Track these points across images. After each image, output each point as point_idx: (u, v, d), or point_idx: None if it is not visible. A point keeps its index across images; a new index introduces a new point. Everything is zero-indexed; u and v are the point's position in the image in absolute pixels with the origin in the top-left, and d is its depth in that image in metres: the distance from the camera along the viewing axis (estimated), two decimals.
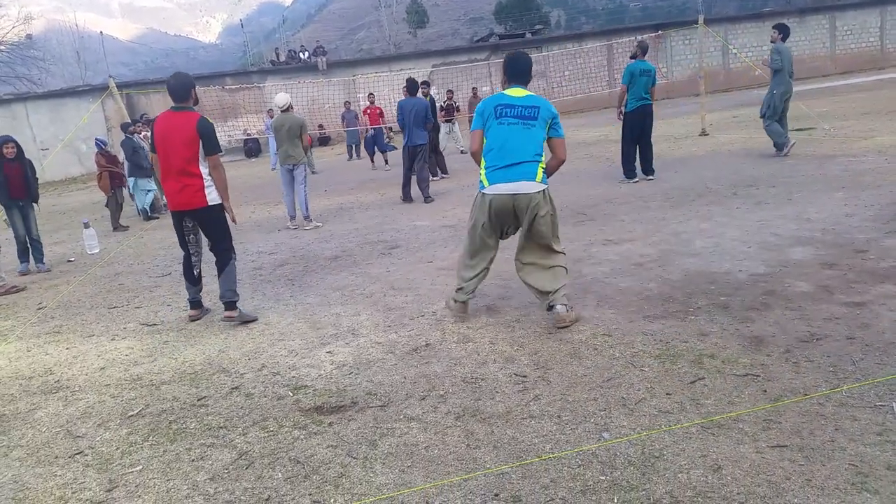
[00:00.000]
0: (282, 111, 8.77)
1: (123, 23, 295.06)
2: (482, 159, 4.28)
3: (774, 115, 9.68)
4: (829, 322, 3.76)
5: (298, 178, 8.77)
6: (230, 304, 4.97)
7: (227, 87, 26.96)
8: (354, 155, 19.57)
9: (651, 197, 8.04)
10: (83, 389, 4.04)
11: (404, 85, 10.24)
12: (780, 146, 9.78)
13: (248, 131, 25.69)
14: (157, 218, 11.52)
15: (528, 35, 36.24)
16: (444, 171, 12.62)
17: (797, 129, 12.51)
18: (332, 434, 3.11)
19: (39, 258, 8.09)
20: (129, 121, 12.17)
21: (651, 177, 9.22)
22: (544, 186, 4.20)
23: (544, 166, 4.22)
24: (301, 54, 31.86)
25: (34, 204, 8.10)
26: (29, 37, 38.77)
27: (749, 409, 2.89)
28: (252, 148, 26.13)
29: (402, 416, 3.20)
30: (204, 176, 4.84)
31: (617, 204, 7.91)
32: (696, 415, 2.91)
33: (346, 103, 20.42)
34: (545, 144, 4.26)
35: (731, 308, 4.14)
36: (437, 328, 4.39)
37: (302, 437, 3.11)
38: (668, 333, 3.84)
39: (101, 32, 64.41)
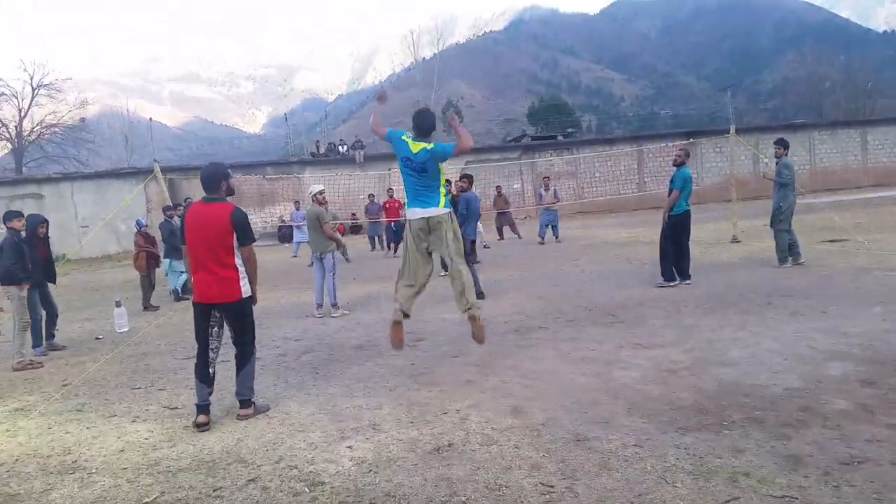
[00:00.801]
0: (313, 200, 9.17)
1: (172, 110, 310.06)
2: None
3: (786, 223, 9.94)
4: (870, 444, 3.58)
5: (328, 266, 8.93)
6: (245, 402, 4.87)
7: (267, 175, 27.90)
8: (378, 246, 19.88)
9: (683, 302, 7.95)
10: (100, 472, 3.98)
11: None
12: (782, 260, 9.97)
13: (284, 218, 26.33)
14: (188, 299, 11.66)
15: (560, 137, 37.18)
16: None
17: (830, 241, 12.44)
18: None
19: (53, 327, 8.28)
20: (171, 204, 12.57)
21: (689, 281, 9.17)
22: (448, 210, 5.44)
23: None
24: (340, 147, 33.00)
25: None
26: (82, 120, 40.81)
27: None
28: (286, 234, 26.67)
29: None
30: (238, 267, 4.78)
31: (648, 307, 7.82)
32: None
33: (371, 196, 20.81)
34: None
35: (766, 423, 3.98)
36: (460, 427, 4.28)
37: None
38: (701, 448, 3.69)
39: (151, 119, 67.60)
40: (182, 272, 11.70)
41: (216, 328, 4.93)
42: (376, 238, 20.04)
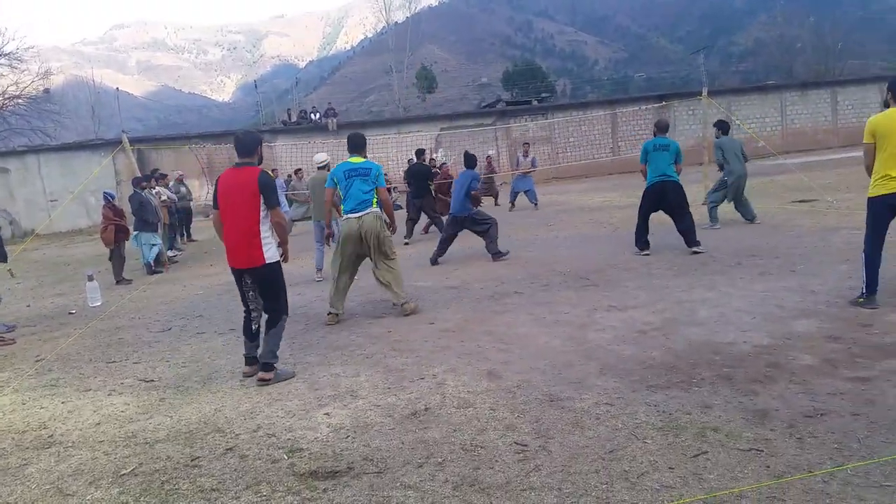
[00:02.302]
0: (318, 169, 9.22)
1: (139, 79, 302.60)
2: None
3: (722, 199, 10.66)
4: (833, 397, 3.71)
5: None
6: (267, 366, 4.86)
7: None
8: None
9: (655, 264, 8.06)
10: (76, 445, 3.98)
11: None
12: (714, 222, 10.60)
13: None
14: (161, 272, 11.56)
15: (535, 102, 37.02)
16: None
17: (800, 201, 12.64)
18: (326, 501, 3.04)
19: None
20: (140, 175, 12.36)
21: (697, 248, 8.58)
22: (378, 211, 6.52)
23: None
24: (312, 115, 32.50)
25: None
26: (46, 91, 39.61)
27: (752, 486, 2.83)
28: None
29: (398, 484, 3.13)
30: (263, 233, 4.81)
31: (621, 270, 7.92)
32: (699, 490, 2.84)
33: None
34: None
35: (734, 380, 4.09)
36: (437, 392, 4.34)
37: (295, 502, 3.05)
38: (671, 405, 3.79)
39: (117, 88, 65.94)
40: (155, 244, 11.57)
41: (251, 292, 5.04)
42: None
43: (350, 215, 6.48)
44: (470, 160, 10.17)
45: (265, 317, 5.02)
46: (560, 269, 8.37)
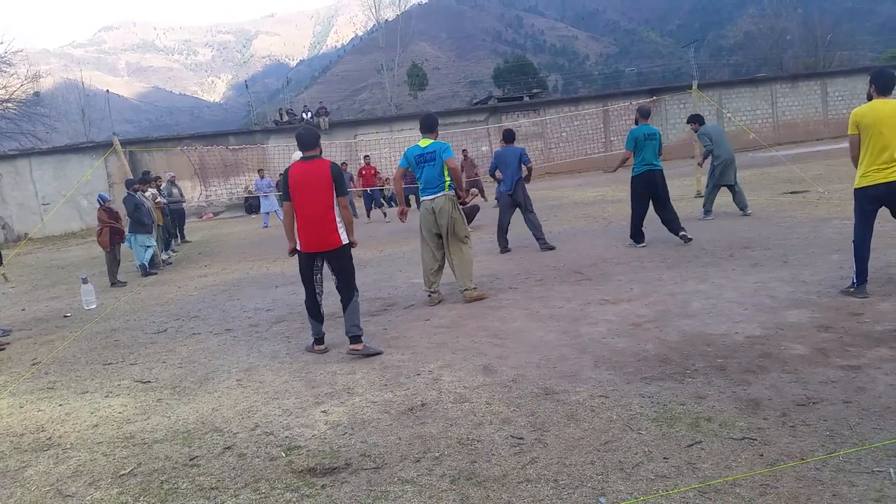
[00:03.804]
0: None
1: (129, 81, 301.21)
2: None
3: (716, 187, 10.81)
4: (825, 385, 3.75)
5: None
6: (356, 338, 5.24)
7: (230, 146, 27.40)
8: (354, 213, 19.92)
9: (648, 257, 8.11)
10: (75, 447, 3.99)
11: (501, 137, 10.28)
12: (707, 212, 10.80)
13: (249, 189, 26.01)
14: (156, 274, 11.56)
15: (526, 98, 37.09)
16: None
17: (792, 192, 12.72)
18: (324, 497, 3.06)
19: None
20: (132, 178, 12.35)
21: (684, 233, 8.75)
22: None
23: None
24: (304, 114, 32.47)
25: None
26: (36, 94, 39.39)
27: (746, 474, 2.87)
28: (252, 205, 26.39)
29: (396, 479, 3.16)
30: (337, 218, 5.29)
31: (614, 264, 7.96)
32: (694, 479, 2.88)
33: (343, 164, 20.75)
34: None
35: (727, 370, 4.13)
36: (433, 387, 4.37)
37: (294, 499, 3.07)
38: (665, 396, 3.83)
39: (108, 91, 65.67)
40: (149, 246, 11.56)
41: (318, 275, 5.53)
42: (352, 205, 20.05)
43: (424, 198, 6.86)
44: (509, 135, 9.83)
45: (341, 296, 5.42)
46: (554, 263, 8.41)
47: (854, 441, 3.08)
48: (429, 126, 6.86)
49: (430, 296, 6.97)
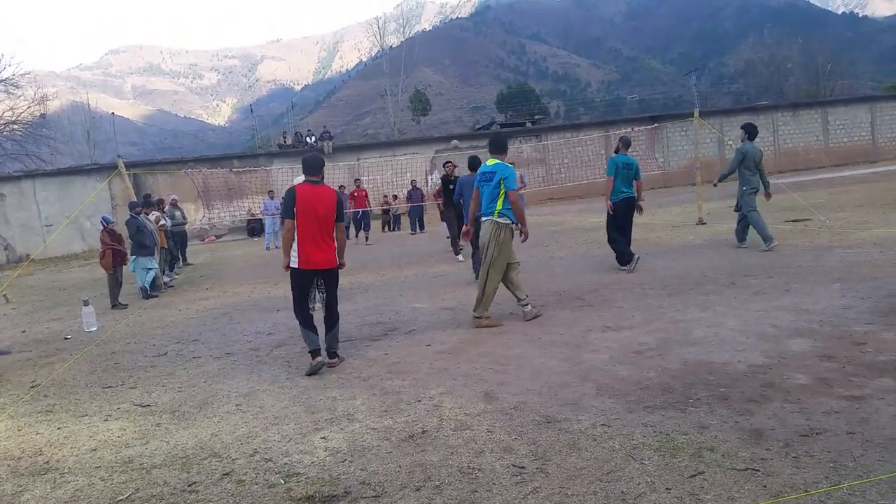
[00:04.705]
0: None
1: (135, 104, 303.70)
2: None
3: (749, 208, 9.92)
4: (828, 416, 3.72)
5: None
6: (333, 354, 5.79)
7: (234, 168, 27.56)
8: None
9: (650, 284, 8.10)
10: (73, 472, 3.96)
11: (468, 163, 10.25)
12: (768, 239, 9.67)
13: (253, 212, 26.10)
14: (157, 297, 11.55)
15: (528, 124, 37.30)
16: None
17: (793, 220, 12.72)
18: None
19: None
20: (136, 200, 12.41)
21: (625, 267, 9.20)
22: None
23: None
24: (308, 138, 32.68)
25: None
26: (42, 116, 39.71)
27: None
28: (255, 228, 26.45)
29: None
30: (335, 240, 5.75)
31: (615, 290, 7.95)
32: None
33: (341, 187, 21.03)
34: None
35: (730, 400, 4.11)
36: (433, 414, 4.34)
37: None
38: (667, 425, 3.80)
39: (113, 113, 66.26)
40: (150, 269, 11.57)
41: (314, 292, 5.84)
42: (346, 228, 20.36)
43: (483, 219, 6.89)
44: (474, 162, 9.75)
45: (326, 316, 5.83)
46: (555, 289, 8.40)
47: (858, 473, 3.05)
48: (496, 146, 6.91)
49: (524, 309, 6.97)
